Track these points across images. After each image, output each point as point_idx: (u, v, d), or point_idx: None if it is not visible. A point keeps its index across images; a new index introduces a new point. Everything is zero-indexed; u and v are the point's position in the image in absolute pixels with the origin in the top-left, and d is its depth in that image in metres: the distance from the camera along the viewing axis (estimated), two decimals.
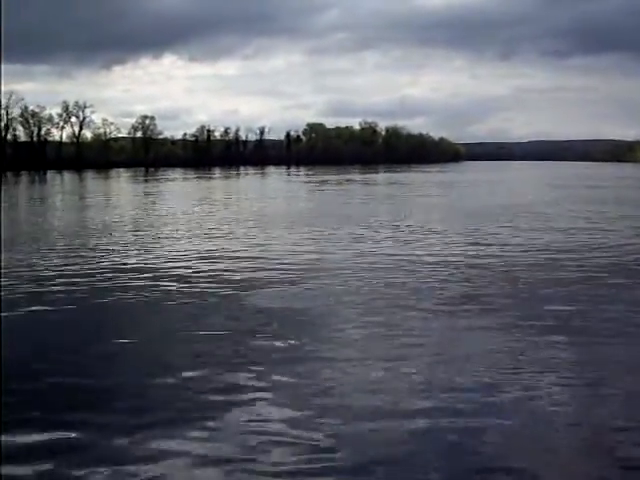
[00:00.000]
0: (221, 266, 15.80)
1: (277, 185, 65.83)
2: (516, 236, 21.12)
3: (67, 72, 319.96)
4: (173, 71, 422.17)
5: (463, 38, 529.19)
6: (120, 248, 19.06)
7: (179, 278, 14.23)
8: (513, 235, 21.38)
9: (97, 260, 16.86)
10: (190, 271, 15.17)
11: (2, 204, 31.66)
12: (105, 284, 13.73)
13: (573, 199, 40.04)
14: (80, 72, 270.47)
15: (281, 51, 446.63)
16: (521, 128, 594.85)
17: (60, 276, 14.53)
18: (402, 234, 21.97)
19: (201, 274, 14.76)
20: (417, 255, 17.13)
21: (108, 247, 19.33)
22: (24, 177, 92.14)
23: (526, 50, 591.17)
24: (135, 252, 18.29)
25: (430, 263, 15.88)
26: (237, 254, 17.62)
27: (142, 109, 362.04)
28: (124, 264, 16.20)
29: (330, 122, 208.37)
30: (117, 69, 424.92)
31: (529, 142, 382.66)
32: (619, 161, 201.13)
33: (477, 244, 19.23)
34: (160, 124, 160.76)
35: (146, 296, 12.50)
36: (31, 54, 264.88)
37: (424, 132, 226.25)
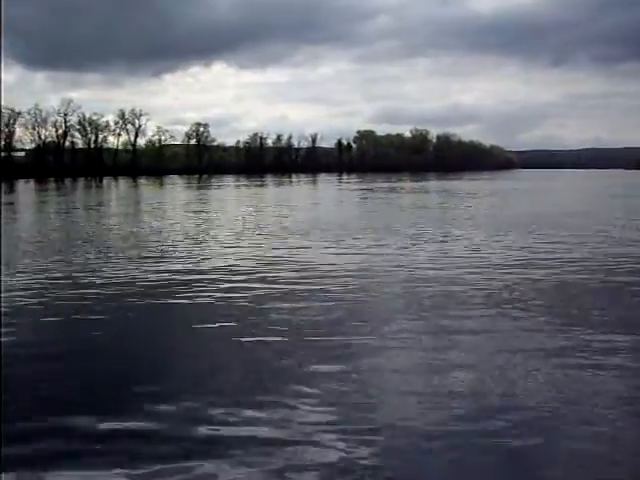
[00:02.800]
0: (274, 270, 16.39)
1: (335, 194, 65.94)
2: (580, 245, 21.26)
3: (118, 80, 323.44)
4: (223, 79, 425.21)
5: (514, 44, 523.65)
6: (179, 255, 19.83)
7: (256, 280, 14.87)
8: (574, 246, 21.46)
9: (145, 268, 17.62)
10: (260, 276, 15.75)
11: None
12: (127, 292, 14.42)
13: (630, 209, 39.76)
14: (131, 80, 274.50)
15: (330, 58, 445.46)
16: (573, 135, 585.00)
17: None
18: (463, 248, 22.19)
19: (263, 280, 15.34)
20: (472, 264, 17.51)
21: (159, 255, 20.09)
22: (81, 183, 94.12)
23: (578, 56, 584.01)
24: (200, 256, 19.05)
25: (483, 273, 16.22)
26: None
27: (192, 117, 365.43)
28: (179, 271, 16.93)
29: (379, 129, 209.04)
30: (167, 77, 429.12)
31: (582, 150, 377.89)
32: None
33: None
34: (210, 131, 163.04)
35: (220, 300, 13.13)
36: (83, 62, 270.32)
37: (475, 139, 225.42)
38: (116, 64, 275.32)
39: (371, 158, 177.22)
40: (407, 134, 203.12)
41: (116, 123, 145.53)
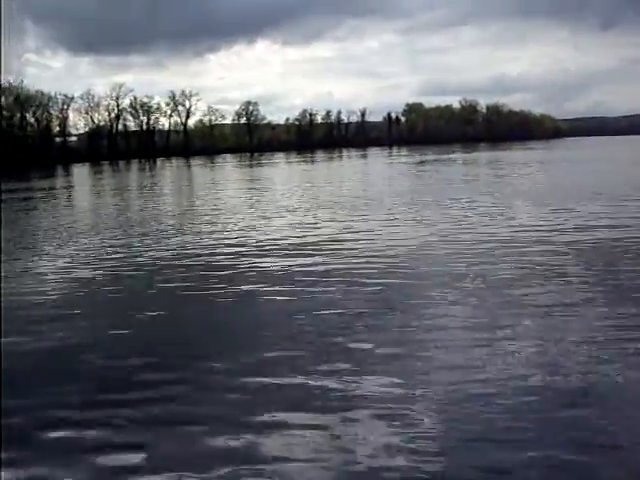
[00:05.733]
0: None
1: (389, 168, 65.72)
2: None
3: (162, 62, 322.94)
4: (267, 56, 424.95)
5: (562, 9, 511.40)
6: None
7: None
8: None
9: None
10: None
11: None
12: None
13: None
14: (174, 61, 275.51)
15: (374, 31, 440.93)
16: (625, 101, 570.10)
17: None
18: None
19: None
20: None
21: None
22: (135, 165, 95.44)
23: (630, 18, 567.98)
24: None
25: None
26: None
27: (237, 96, 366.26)
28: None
29: (427, 101, 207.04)
30: (211, 57, 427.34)
31: (634, 115, 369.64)
32: None
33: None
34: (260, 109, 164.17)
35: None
36: (127, 45, 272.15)
37: (524, 109, 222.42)
38: (159, 46, 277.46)
39: (421, 131, 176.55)
40: (456, 105, 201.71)
41: (167, 104, 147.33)
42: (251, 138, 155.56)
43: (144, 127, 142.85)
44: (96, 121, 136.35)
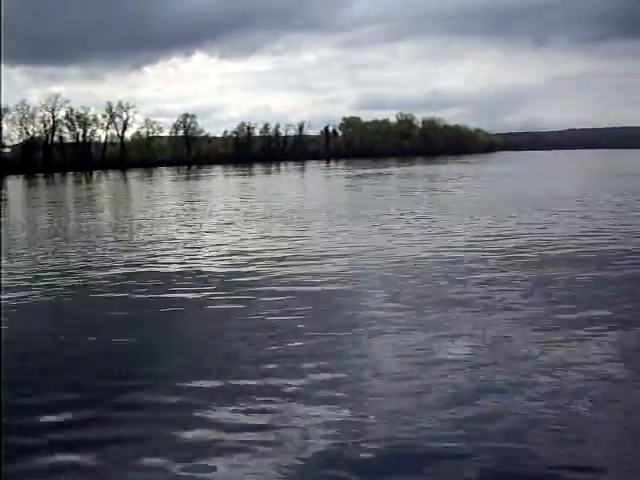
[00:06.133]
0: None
1: (325, 181, 66.57)
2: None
3: (98, 74, 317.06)
4: (204, 69, 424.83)
5: (498, 26, 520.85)
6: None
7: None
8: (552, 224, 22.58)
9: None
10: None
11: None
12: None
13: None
14: (111, 73, 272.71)
15: (311, 45, 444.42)
16: (557, 117, 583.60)
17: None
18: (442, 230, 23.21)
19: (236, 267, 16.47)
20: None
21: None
22: (70, 178, 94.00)
23: (559, 37, 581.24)
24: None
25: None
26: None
27: (175, 108, 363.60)
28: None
29: (364, 115, 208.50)
30: (148, 69, 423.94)
31: (567, 130, 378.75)
32: None
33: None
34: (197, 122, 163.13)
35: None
36: (63, 57, 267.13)
37: (459, 123, 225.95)
38: (96, 57, 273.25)
39: (358, 144, 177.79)
40: (393, 119, 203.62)
41: (104, 116, 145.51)
42: (189, 150, 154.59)
43: (80, 139, 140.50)
44: (31, 132, 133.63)
